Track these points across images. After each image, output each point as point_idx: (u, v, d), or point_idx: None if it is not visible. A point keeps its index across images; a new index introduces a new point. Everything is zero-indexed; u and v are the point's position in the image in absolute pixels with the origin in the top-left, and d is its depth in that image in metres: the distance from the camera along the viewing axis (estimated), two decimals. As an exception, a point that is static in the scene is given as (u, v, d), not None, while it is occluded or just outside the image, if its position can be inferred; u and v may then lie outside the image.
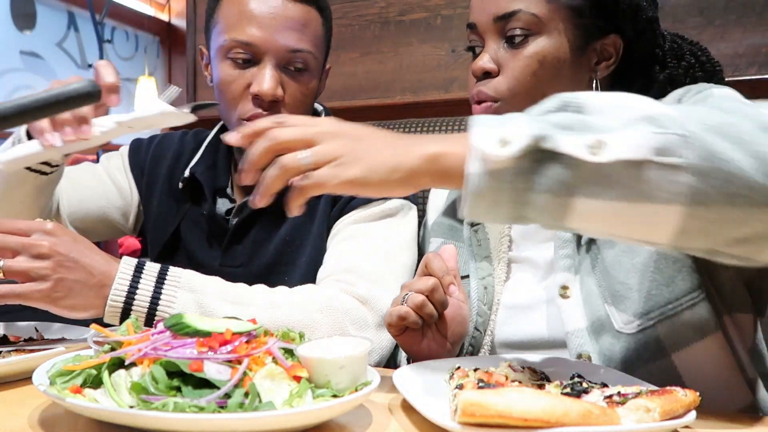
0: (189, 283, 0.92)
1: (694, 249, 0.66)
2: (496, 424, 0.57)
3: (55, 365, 0.67)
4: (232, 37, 1.10)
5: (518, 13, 0.94)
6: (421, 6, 1.73)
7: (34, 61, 5.04)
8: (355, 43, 1.81)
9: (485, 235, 1.05)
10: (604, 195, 0.60)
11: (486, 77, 0.97)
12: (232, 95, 1.12)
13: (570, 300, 0.91)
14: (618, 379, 0.75)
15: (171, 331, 0.65)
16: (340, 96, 1.84)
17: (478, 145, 0.61)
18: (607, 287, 0.88)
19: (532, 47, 0.94)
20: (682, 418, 0.61)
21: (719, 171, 0.59)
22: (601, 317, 0.88)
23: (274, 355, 0.65)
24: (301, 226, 1.16)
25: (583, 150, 0.59)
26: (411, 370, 0.79)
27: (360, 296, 1.01)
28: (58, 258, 0.84)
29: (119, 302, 0.88)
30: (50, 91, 0.50)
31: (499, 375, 0.72)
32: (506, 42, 0.96)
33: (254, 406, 0.58)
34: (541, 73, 0.94)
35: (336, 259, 1.08)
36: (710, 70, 1.01)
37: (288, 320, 0.93)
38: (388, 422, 0.68)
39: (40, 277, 0.83)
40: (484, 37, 0.98)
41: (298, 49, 1.11)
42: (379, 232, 1.11)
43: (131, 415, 0.56)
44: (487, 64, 0.96)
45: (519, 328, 0.96)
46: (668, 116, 0.62)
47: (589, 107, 0.65)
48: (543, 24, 0.94)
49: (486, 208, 0.62)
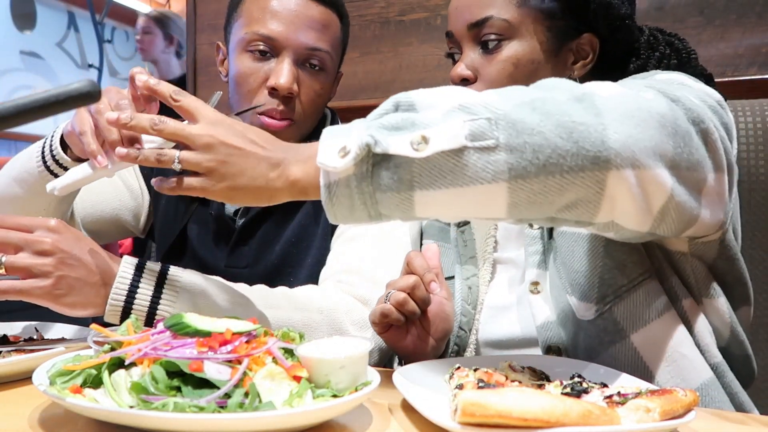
0: (189, 283, 0.92)
1: (532, 219, 0.70)
2: (496, 424, 0.57)
3: (55, 365, 0.67)
4: (254, 30, 1.12)
5: (490, 19, 0.96)
6: (422, 6, 1.73)
7: (34, 61, 5.04)
8: (355, 43, 1.80)
9: (471, 236, 1.06)
10: (437, 185, 0.65)
11: (464, 83, 0.99)
12: (248, 87, 1.13)
13: (539, 295, 0.93)
14: (618, 379, 0.75)
15: (171, 331, 0.65)
16: (340, 96, 1.83)
17: (321, 160, 0.67)
18: (566, 277, 0.90)
19: (506, 51, 0.97)
20: (682, 418, 0.61)
21: (528, 144, 0.63)
22: (565, 308, 0.90)
23: (274, 355, 0.65)
24: (307, 227, 1.16)
25: (408, 148, 0.64)
26: (411, 370, 0.79)
27: (361, 296, 1.01)
28: (61, 255, 0.84)
29: (119, 302, 0.88)
30: (50, 91, 0.50)
31: (499, 375, 0.72)
32: (481, 48, 0.98)
33: (254, 406, 0.58)
34: (517, 76, 0.96)
35: (337, 260, 1.08)
36: (685, 58, 1.02)
37: (288, 321, 0.93)
38: (388, 422, 0.68)
39: (42, 274, 0.83)
40: (461, 44, 1.01)
41: (316, 48, 1.13)
42: (383, 231, 1.11)
43: (131, 415, 0.56)
44: (464, 71, 0.99)
45: (499, 327, 0.98)
46: (482, 102, 0.65)
47: (419, 103, 0.71)
48: (515, 28, 0.96)
49: (345, 213, 0.68)
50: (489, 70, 0.98)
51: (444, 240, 1.10)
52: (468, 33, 0.99)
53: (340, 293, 1.01)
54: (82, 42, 5.46)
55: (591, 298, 0.88)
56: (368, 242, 1.09)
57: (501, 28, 0.96)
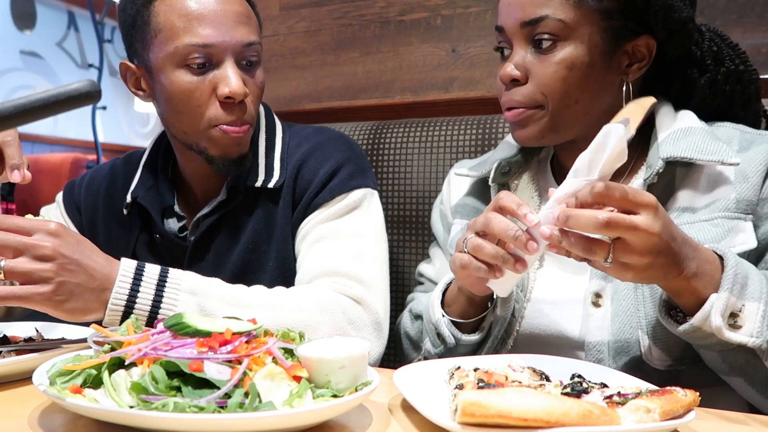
0: (190, 285, 0.92)
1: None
2: (496, 424, 0.57)
3: (55, 365, 0.67)
4: (186, 43, 1.03)
5: (545, 19, 0.92)
6: (422, 6, 1.73)
7: (34, 61, 5.04)
8: (355, 43, 1.81)
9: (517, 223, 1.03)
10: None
11: (513, 84, 0.96)
12: (197, 103, 1.06)
13: (600, 310, 0.91)
14: (618, 379, 0.75)
15: (171, 331, 0.65)
16: (340, 96, 1.84)
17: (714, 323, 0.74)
18: (647, 315, 0.88)
19: (561, 53, 0.93)
20: (682, 418, 0.61)
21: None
22: (629, 340, 0.88)
23: (274, 355, 0.65)
24: (262, 232, 1.15)
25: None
26: (411, 370, 0.79)
27: (355, 296, 1.01)
28: (61, 261, 0.82)
29: (120, 306, 0.87)
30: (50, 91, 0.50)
31: (499, 375, 0.72)
32: (534, 47, 0.95)
33: (254, 406, 0.58)
34: (571, 79, 0.93)
35: (316, 262, 1.07)
36: (747, 79, 1.01)
37: (290, 322, 0.93)
38: (388, 422, 0.68)
39: (42, 280, 0.81)
40: (511, 40, 0.97)
41: (251, 42, 1.08)
42: (351, 228, 1.11)
43: (131, 415, 0.56)
44: (514, 72, 0.96)
45: (545, 323, 0.96)
46: None
47: None
48: (571, 29, 0.92)
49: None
50: (541, 72, 0.94)
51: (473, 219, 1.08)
52: (520, 31, 0.95)
53: (336, 293, 1.01)
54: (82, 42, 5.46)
55: (672, 353, 0.87)
56: (343, 242, 1.09)
57: (556, 28, 0.92)
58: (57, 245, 0.83)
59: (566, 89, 0.94)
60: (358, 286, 1.02)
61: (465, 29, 1.69)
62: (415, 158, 1.47)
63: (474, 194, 1.14)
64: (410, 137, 1.49)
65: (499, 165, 1.06)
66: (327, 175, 1.14)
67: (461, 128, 1.45)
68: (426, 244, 1.45)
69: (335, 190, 1.13)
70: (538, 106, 0.95)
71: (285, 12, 1.91)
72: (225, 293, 0.94)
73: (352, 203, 1.13)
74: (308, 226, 1.13)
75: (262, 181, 1.14)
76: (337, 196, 1.13)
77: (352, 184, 1.14)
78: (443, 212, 1.20)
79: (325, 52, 1.85)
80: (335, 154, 1.16)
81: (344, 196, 1.13)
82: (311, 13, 1.87)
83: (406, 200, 1.48)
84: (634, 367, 0.88)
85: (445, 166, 1.44)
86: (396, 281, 1.48)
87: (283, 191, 1.15)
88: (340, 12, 1.83)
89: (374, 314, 1.02)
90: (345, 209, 1.13)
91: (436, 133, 1.47)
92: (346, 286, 1.02)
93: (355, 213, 1.13)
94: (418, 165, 1.47)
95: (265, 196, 1.16)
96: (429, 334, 0.99)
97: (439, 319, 0.96)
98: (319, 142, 1.19)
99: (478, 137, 1.42)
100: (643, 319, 0.88)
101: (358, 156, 1.20)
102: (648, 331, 0.88)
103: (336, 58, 1.84)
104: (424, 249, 1.45)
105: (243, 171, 1.14)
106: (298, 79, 1.90)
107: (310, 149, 1.17)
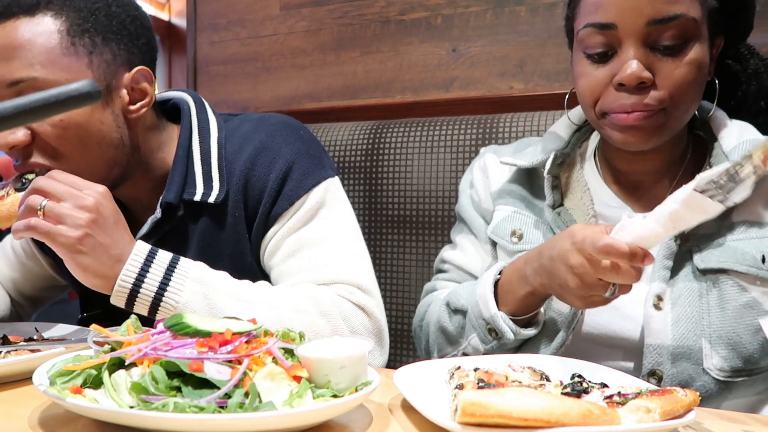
0: (198, 274, 0.92)
1: None
2: (496, 424, 0.57)
3: (55, 365, 0.67)
4: None
5: (680, 17, 0.87)
6: (422, 5, 1.73)
7: (34, 61, 5.03)
8: (355, 43, 1.81)
9: (570, 217, 1.01)
10: None
11: (641, 86, 0.89)
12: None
13: (661, 313, 0.90)
14: (618, 379, 0.75)
15: (171, 331, 0.65)
16: (341, 95, 1.84)
17: None
18: (711, 324, 0.87)
19: (691, 54, 0.89)
20: (682, 418, 0.61)
21: None
22: (691, 347, 0.87)
23: (274, 355, 0.65)
24: (206, 250, 1.05)
25: None
26: (411, 370, 0.79)
27: (358, 303, 0.99)
28: (97, 216, 0.85)
29: (128, 284, 0.88)
30: (50, 91, 0.50)
31: (499, 375, 0.72)
32: (658, 47, 0.89)
33: (254, 406, 0.58)
34: (697, 81, 0.91)
35: (301, 276, 1.01)
36: None
37: (291, 323, 0.93)
38: (388, 422, 0.68)
39: (74, 225, 0.84)
40: (622, 39, 0.90)
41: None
42: (323, 232, 1.04)
43: (131, 415, 0.56)
44: (644, 73, 0.88)
45: (604, 323, 0.94)
46: None
47: None
48: (698, 28, 0.89)
49: None
50: (673, 74, 0.89)
51: (529, 209, 1.06)
52: (645, 29, 0.88)
53: (339, 298, 0.98)
54: (82, 41, 5.46)
55: (735, 366, 0.86)
56: (321, 249, 1.02)
57: (689, 27, 0.87)
58: (100, 202, 0.86)
59: (691, 92, 0.91)
60: (358, 292, 1.00)
61: (465, 29, 1.69)
62: (415, 158, 1.47)
63: (517, 181, 1.09)
64: (410, 137, 1.49)
65: (556, 156, 1.03)
66: (279, 180, 1.03)
67: (461, 128, 1.45)
68: (426, 243, 1.45)
69: (292, 196, 1.03)
70: (662, 109, 0.91)
71: (285, 12, 1.91)
72: (230, 287, 0.94)
73: (315, 204, 1.04)
74: (275, 241, 1.04)
75: (201, 194, 1.04)
76: (296, 201, 1.03)
77: (309, 183, 1.05)
78: (476, 198, 1.14)
79: (325, 51, 1.85)
80: (283, 152, 1.06)
81: (304, 199, 1.04)
82: (311, 12, 1.87)
83: (406, 200, 1.48)
84: (692, 374, 0.87)
85: (445, 165, 1.44)
86: (396, 281, 1.48)
87: (230, 205, 1.05)
88: (341, 11, 1.83)
89: (377, 323, 1.00)
90: (309, 213, 1.04)
91: (436, 133, 1.47)
92: (347, 292, 1.00)
93: (322, 213, 1.05)
94: (418, 165, 1.47)
95: (208, 211, 1.05)
96: (478, 330, 0.95)
97: (495, 315, 0.92)
98: (262, 141, 1.07)
99: (478, 137, 1.42)
100: (707, 328, 0.87)
101: (308, 145, 1.09)
102: (712, 340, 0.87)
103: (336, 57, 1.84)
104: (425, 249, 1.45)
105: (179, 184, 1.04)
106: (298, 78, 1.90)
107: (254, 152, 1.05)
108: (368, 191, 1.52)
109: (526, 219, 1.05)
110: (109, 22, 0.98)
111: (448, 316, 1.02)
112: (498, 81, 1.66)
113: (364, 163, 1.53)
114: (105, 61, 0.98)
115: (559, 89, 1.58)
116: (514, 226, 1.05)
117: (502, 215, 1.07)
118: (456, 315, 1.01)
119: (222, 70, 2.01)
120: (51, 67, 0.93)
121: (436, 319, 1.05)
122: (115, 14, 1.00)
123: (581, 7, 0.94)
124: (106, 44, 0.98)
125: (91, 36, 0.97)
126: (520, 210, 1.06)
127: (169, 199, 1.03)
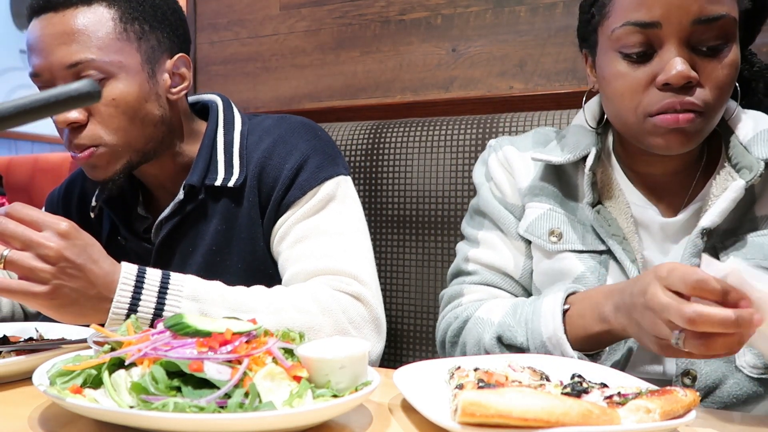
0: (191, 291, 0.91)
1: None
2: (496, 424, 0.57)
3: (55, 365, 0.66)
4: None
5: (724, 17, 0.86)
6: (422, 5, 1.73)
7: (34, 61, 5.03)
8: (355, 43, 1.80)
9: (610, 215, 0.99)
10: None
11: (687, 85, 0.88)
12: None
13: None
14: (618, 379, 0.75)
15: (171, 331, 0.65)
16: (341, 95, 1.84)
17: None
18: None
19: (731, 55, 0.88)
20: (682, 418, 0.61)
21: None
22: None
23: (274, 355, 0.65)
24: (224, 233, 1.12)
25: None
26: (411, 370, 0.79)
27: (354, 293, 1.01)
28: (63, 264, 0.81)
29: (122, 312, 0.87)
30: (50, 91, 0.50)
31: (499, 375, 0.72)
32: (700, 47, 0.88)
33: (254, 406, 0.58)
34: (734, 82, 0.90)
35: (305, 263, 1.04)
36: None
37: (292, 324, 0.93)
38: (388, 422, 0.68)
39: (39, 280, 0.80)
40: (665, 39, 0.88)
41: None
42: (331, 223, 1.08)
43: (131, 415, 0.56)
44: (692, 73, 0.87)
45: None
46: None
47: None
48: (736, 29, 0.89)
49: None
50: (716, 75, 0.88)
51: (563, 207, 1.03)
52: (690, 28, 0.86)
53: (335, 291, 1.00)
54: (82, 41, 5.45)
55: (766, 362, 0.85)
56: (328, 239, 1.06)
57: (730, 28, 0.87)
58: (62, 247, 0.81)
59: (728, 94, 0.90)
60: (355, 283, 1.02)
61: (465, 29, 1.68)
62: (415, 158, 1.47)
63: (546, 178, 1.06)
64: (410, 137, 1.49)
65: (597, 153, 1.01)
66: (293, 171, 1.10)
67: (461, 128, 1.45)
68: (426, 243, 1.45)
69: (305, 186, 1.09)
70: (701, 111, 0.89)
71: (285, 11, 1.91)
72: (227, 298, 0.93)
73: (326, 196, 1.09)
74: (284, 227, 1.09)
75: (222, 179, 1.11)
76: (308, 191, 1.09)
77: (322, 176, 1.10)
78: (498, 193, 1.10)
79: (325, 51, 1.85)
80: (299, 146, 1.12)
81: (316, 190, 1.09)
82: (311, 12, 1.87)
83: (406, 200, 1.48)
84: (725, 372, 0.87)
85: (445, 165, 1.44)
86: (396, 281, 1.48)
87: (246, 191, 1.12)
88: (341, 11, 1.83)
89: (373, 311, 1.02)
90: (320, 204, 1.09)
91: (436, 132, 1.47)
92: (344, 283, 1.01)
93: (332, 205, 1.10)
94: (418, 165, 1.47)
95: (226, 196, 1.12)
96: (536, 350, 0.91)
97: (561, 338, 0.88)
98: (281, 135, 1.14)
99: (478, 137, 1.42)
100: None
101: (324, 143, 1.15)
102: None
103: (336, 57, 1.84)
104: (425, 249, 1.45)
105: (202, 169, 1.11)
106: (298, 78, 1.90)
107: (272, 144, 1.13)
108: (368, 191, 1.52)
109: (562, 217, 1.02)
110: (154, 12, 1.09)
111: (500, 351, 0.96)
112: (498, 81, 1.66)
113: (364, 163, 1.53)
114: (151, 47, 1.08)
115: (559, 89, 1.58)
116: (552, 225, 1.02)
117: (536, 213, 1.04)
118: (510, 349, 0.95)
119: (222, 70, 2.01)
120: (106, 50, 1.03)
121: (482, 348, 0.99)
122: (159, 6, 1.11)
123: (616, 6, 0.92)
124: (152, 32, 1.09)
125: (140, 23, 1.08)
126: (555, 208, 1.03)
127: (192, 182, 1.10)
